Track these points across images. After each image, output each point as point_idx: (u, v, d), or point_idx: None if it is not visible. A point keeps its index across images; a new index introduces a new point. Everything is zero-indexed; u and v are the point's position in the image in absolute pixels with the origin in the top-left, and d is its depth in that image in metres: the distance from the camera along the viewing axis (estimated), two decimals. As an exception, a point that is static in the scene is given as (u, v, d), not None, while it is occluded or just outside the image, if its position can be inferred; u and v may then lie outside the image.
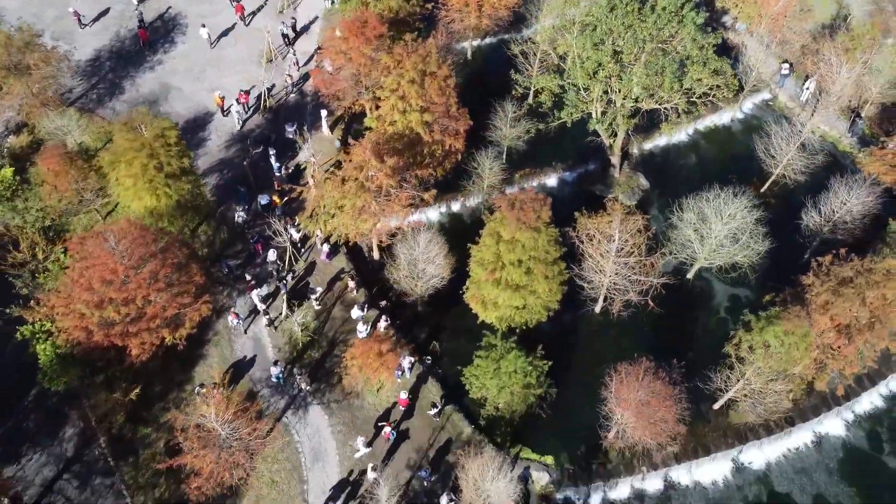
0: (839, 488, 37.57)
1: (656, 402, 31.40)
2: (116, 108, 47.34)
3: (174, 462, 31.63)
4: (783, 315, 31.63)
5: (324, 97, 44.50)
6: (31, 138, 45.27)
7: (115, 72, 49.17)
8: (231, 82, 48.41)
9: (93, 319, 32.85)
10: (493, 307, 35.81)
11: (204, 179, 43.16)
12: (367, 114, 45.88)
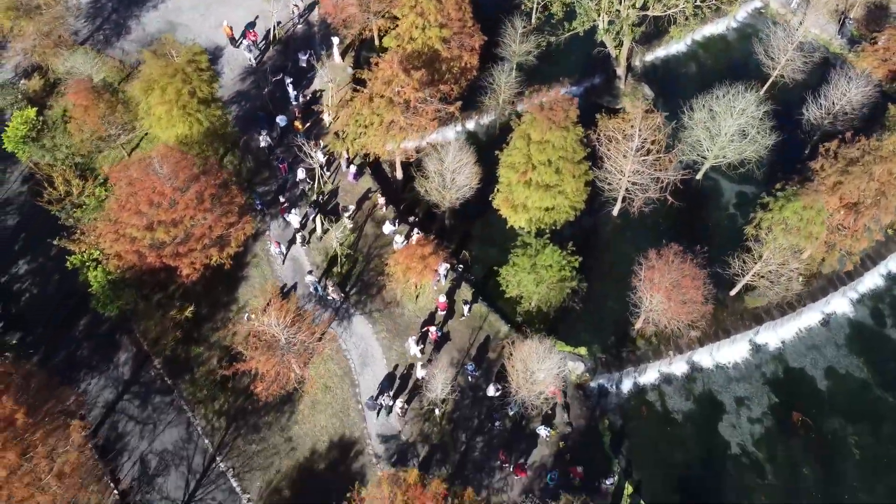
0: (848, 361, 40.70)
1: (687, 282, 33.75)
2: (125, 47, 47.54)
3: (239, 368, 33.36)
4: (800, 192, 33.99)
5: (333, 24, 45.19)
6: (43, 81, 45.45)
7: (119, 12, 49.19)
8: (237, 17, 48.71)
9: (144, 242, 34.08)
10: (523, 210, 37.65)
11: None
12: (375, 41, 46.80)
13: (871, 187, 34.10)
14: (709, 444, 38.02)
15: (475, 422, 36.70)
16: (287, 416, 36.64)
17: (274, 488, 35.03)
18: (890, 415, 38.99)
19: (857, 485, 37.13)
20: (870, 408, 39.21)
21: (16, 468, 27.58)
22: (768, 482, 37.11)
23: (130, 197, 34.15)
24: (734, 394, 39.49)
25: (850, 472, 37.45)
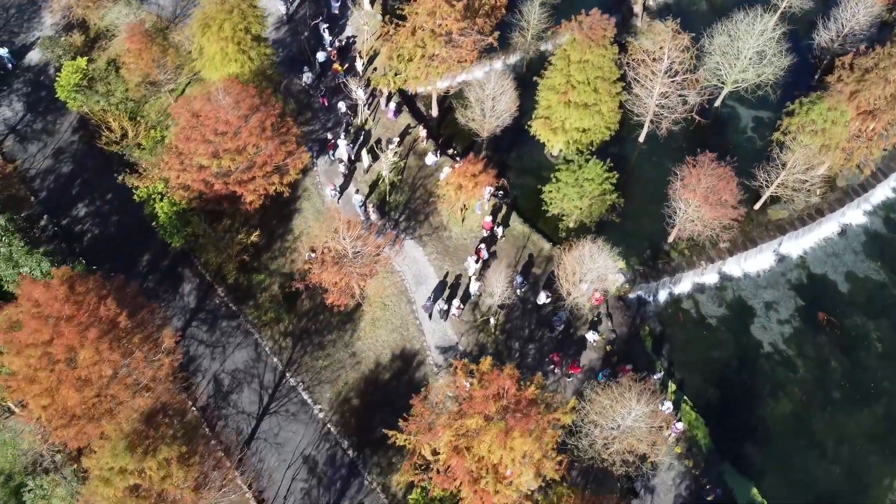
0: (865, 265, 43.59)
1: (721, 185, 36.29)
2: (160, 2, 49.11)
3: (309, 280, 35.48)
4: (824, 95, 36.67)
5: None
6: (84, 37, 46.95)
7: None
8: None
9: (211, 170, 35.97)
10: (562, 132, 39.96)
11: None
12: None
13: (887, 91, 36.83)
14: (742, 345, 40.78)
15: (526, 331, 39.13)
16: (350, 333, 38.83)
17: (343, 398, 37.26)
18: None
19: (881, 374, 40.09)
20: (889, 306, 42.16)
21: (118, 369, 29.54)
22: (800, 376, 39.94)
23: (195, 128, 36.03)
24: (762, 299, 42.25)
25: (873, 364, 40.39)
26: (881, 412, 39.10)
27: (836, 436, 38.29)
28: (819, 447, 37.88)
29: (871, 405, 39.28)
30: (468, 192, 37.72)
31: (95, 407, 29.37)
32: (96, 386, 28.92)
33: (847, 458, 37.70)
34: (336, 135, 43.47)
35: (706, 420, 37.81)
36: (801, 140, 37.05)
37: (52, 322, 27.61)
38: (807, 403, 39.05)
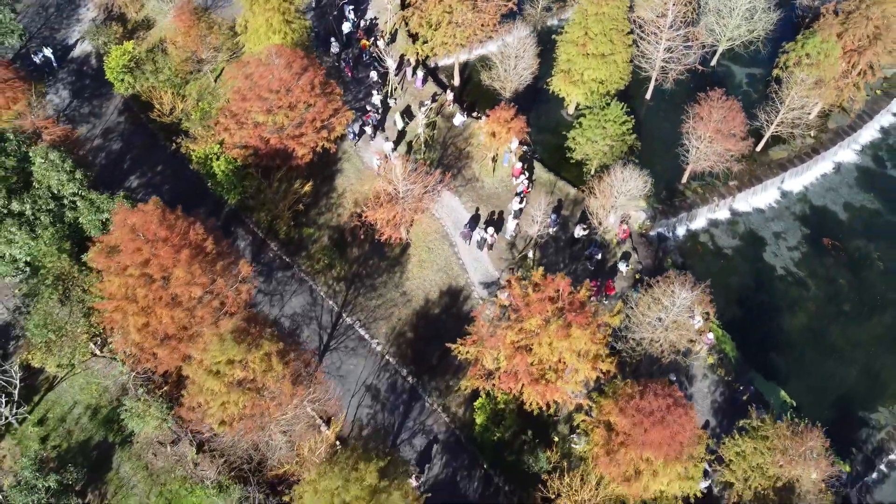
0: (860, 196, 47.67)
1: (731, 115, 40.19)
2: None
3: (366, 216, 38.47)
4: (817, 30, 41.03)
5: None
6: (122, 29, 50.02)
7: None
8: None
9: (267, 124, 39.01)
10: (580, 84, 43.73)
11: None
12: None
13: (869, 29, 41.30)
14: (757, 270, 44.37)
15: (561, 265, 42.27)
16: (399, 274, 41.64)
17: (398, 333, 39.91)
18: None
19: (885, 287, 43.82)
20: (884, 229, 46.14)
21: (205, 292, 32.02)
22: (812, 293, 43.52)
23: (251, 89, 39.12)
24: (771, 230, 46.00)
25: (877, 279, 44.15)
26: (888, 321, 42.74)
27: (850, 342, 41.75)
28: (836, 353, 41.24)
29: (879, 315, 42.93)
30: (500, 138, 41.15)
31: (185, 329, 31.77)
32: (186, 306, 31.38)
33: (862, 360, 41.11)
34: (367, 104, 46.80)
35: (732, 336, 41.09)
36: (797, 75, 41.23)
37: (149, 244, 30.17)
38: (821, 316, 42.61)
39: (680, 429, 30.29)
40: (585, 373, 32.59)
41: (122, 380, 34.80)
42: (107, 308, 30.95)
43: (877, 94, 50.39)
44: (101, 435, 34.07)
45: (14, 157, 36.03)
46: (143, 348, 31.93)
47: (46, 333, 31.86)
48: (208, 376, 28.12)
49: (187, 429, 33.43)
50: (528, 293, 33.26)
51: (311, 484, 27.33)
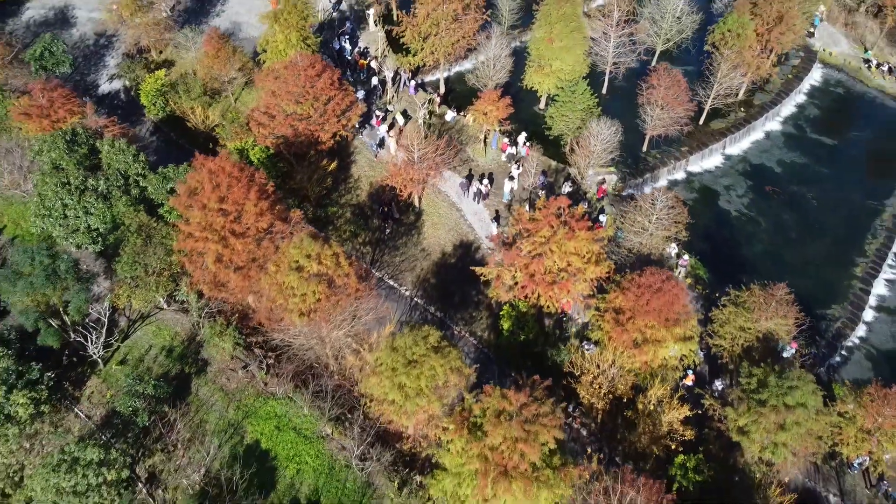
0: (790, 154, 57.01)
1: (676, 82, 49.24)
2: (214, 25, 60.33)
3: (383, 180, 45.24)
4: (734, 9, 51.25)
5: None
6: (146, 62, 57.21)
7: (195, 17, 62.11)
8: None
9: (296, 113, 46.08)
10: (550, 75, 52.49)
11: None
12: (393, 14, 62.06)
13: (774, 11, 51.77)
14: (716, 214, 52.47)
15: (553, 219, 49.30)
16: (416, 235, 48.07)
17: (421, 280, 45.89)
18: (826, 179, 55.01)
19: (820, 217, 52.28)
20: (814, 177, 55.16)
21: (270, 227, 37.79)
22: (763, 227, 51.57)
23: (280, 87, 46.40)
24: (721, 184, 54.50)
25: (813, 213, 52.69)
26: (828, 241, 50.96)
27: (801, 261, 49.52)
28: (791, 270, 48.62)
29: (821, 238, 51.13)
30: (490, 115, 49.09)
31: (254, 261, 37.30)
32: (254, 238, 37.10)
33: (812, 273, 48.73)
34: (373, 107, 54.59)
35: (703, 263, 48.37)
36: (723, 50, 50.97)
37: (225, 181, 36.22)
38: (774, 243, 50.47)
39: (675, 297, 36.87)
40: (590, 272, 39.20)
41: (191, 324, 39.62)
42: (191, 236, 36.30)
43: (789, 78, 60.94)
44: (177, 368, 38.45)
45: (85, 147, 41.97)
46: (216, 281, 37.22)
47: (135, 269, 36.93)
48: (290, 272, 33.73)
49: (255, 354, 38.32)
50: (537, 214, 40.23)
51: (387, 344, 32.64)
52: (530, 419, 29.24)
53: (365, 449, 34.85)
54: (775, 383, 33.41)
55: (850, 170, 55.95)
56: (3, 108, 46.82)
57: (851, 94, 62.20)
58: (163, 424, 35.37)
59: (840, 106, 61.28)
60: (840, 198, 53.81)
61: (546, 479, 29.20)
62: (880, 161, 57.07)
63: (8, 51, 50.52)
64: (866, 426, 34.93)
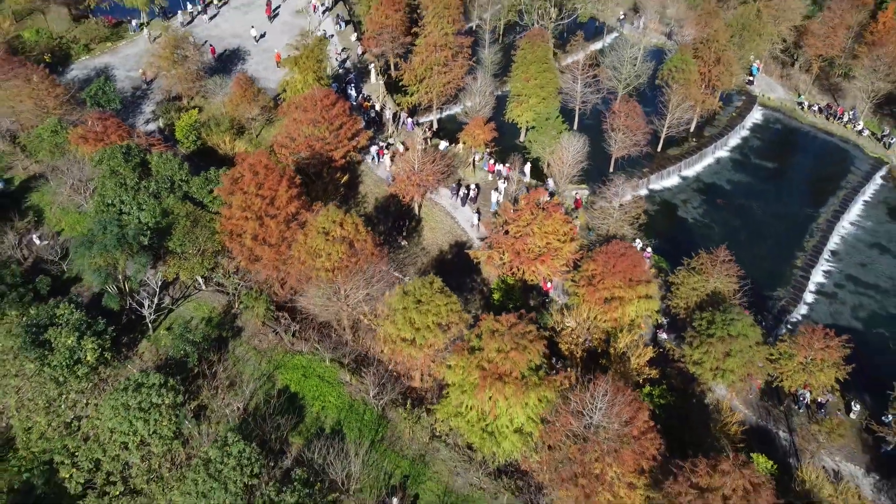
0: (737, 176, 65.96)
1: (634, 110, 58.50)
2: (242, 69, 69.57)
3: (389, 188, 53.15)
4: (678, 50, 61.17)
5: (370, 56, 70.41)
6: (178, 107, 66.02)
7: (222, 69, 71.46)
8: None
9: (315, 135, 54.50)
10: (528, 110, 61.68)
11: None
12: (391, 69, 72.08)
13: (712, 53, 61.87)
14: (675, 222, 60.45)
15: (534, 224, 57.07)
16: (417, 237, 55.59)
17: (423, 271, 52.95)
18: (769, 194, 63.81)
19: (765, 224, 60.45)
20: (758, 193, 63.88)
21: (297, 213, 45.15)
22: (716, 231, 59.60)
23: (300, 114, 55.01)
24: (679, 198, 62.95)
25: (758, 221, 60.95)
26: (772, 242, 58.94)
27: (751, 258, 56.91)
28: (742, 262, 55.99)
29: (766, 239, 59.14)
30: (478, 138, 57.78)
31: (284, 239, 44.46)
32: (283, 220, 44.42)
33: (761, 267, 56.27)
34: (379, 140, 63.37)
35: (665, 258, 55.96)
36: (671, 84, 60.72)
37: (262, 171, 43.92)
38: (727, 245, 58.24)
39: (637, 261, 44.33)
40: (566, 249, 46.66)
41: (226, 301, 46.22)
42: (233, 217, 43.55)
43: (733, 116, 70.80)
44: (216, 333, 44.69)
45: (137, 157, 49.81)
46: (252, 255, 44.22)
47: (184, 245, 43.88)
48: (318, 236, 40.94)
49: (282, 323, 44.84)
50: (520, 205, 48.12)
51: (400, 289, 39.45)
52: (518, 335, 35.91)
53: (379, 389, 40.94)
54: (720, 319, 40.42)
55: (789, 187, 64.86)
56: (63, 136, 54.85)
57: (788, 128, 72.08)
58: (208, 368, 41.44)
59: (778, 138, 70.99)
60: (781, 209, 62.37)
61: (534, 383, 35.57)
62: (813, 180, 66.15)
63: (65, 91, 59.10)
64: (800, 360, 41.61)
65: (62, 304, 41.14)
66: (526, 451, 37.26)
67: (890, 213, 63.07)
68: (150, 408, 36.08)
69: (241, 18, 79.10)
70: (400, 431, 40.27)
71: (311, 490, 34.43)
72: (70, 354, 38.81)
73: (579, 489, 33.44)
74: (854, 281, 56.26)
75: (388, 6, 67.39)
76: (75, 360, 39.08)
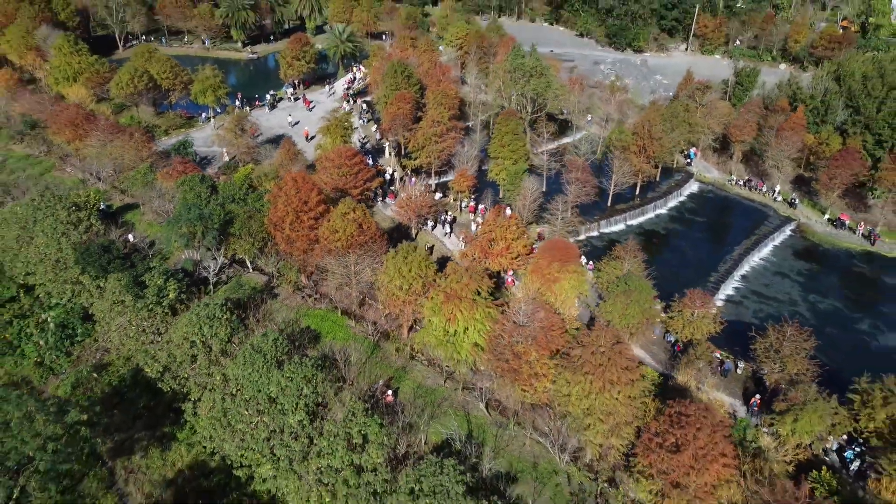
0: (671, 225, 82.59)
1: (585, 172, 76.66)
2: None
3: (395, 214, 70.60)
4: (620, 125, 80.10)
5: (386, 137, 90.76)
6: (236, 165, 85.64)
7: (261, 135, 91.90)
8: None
9: (336, 175, 73.02)
10: (504, 169, 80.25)
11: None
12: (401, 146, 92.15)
13: (646, 131, 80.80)
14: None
15: (505, 248, 73.72)
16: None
17: (415, 275, 68.88)
18: (694, 237, 79.99)
19: (690, 255, 76.33)
20: (689, 238, 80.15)
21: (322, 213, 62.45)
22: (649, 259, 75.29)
23: (329, 162, 73.88)
24: (623, 239, 79.18)
25: (685, 253, 76.85)
26: (693, 268, 74.40)
27: (677, 276, 72.39)
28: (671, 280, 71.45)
29: (689, 266, 74.68)
30: (462, 185, 75.82)
31: (312, 230, 61.39)
32: (313, 217, 61.59)
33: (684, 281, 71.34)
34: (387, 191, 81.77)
35: (607, 275, 71.43)
36: (614, 150, 79.18)
37: (300, 182, 61.79)
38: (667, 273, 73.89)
39: (571, 251, 60.32)
40: (518, 244, 62.91)
41: (266, 279, 62.50)
42: (278, 212, 60.87)
43: (672, 185, 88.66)
44: (259, 296, 60.57)
45: (208, 182, 68.30)
46: (289, 239, 61.02)
47: (242, 230, 60.96)
48: (337, 218, 57.93)
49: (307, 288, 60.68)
50: (487, 215, 65.19)
51: (391, 253, 55.59)
52: (473, 273, 51.61)
53: (374, 330, 56.05)
54: (623, 279, 55.74)
55: (713, 234, 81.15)
56: (151, 176, 74.00)
57: (718, 196, 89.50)
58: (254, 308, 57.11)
59: (709, 202, 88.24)
60: (705, 246, 78.38)
61: (481, 303, 50.78)
62: (734, 230, 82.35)
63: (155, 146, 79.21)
64: (687, 316, 56.21)
65: (154, 263, 57.89)
66: (478, 359, 51.64)
67: (794, 255, 78.60)
68: (212, 318, 51.54)
69: (284, 115, 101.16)
70: (388, 353, 54.95)
71: (323, 367, 48.95)
72: (158, 291, 54.95)
73: (509, 366, 47.71)
74: (757, 294, 71.01)
75: (400, 101, 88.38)
76: (161, 296, 55.10)
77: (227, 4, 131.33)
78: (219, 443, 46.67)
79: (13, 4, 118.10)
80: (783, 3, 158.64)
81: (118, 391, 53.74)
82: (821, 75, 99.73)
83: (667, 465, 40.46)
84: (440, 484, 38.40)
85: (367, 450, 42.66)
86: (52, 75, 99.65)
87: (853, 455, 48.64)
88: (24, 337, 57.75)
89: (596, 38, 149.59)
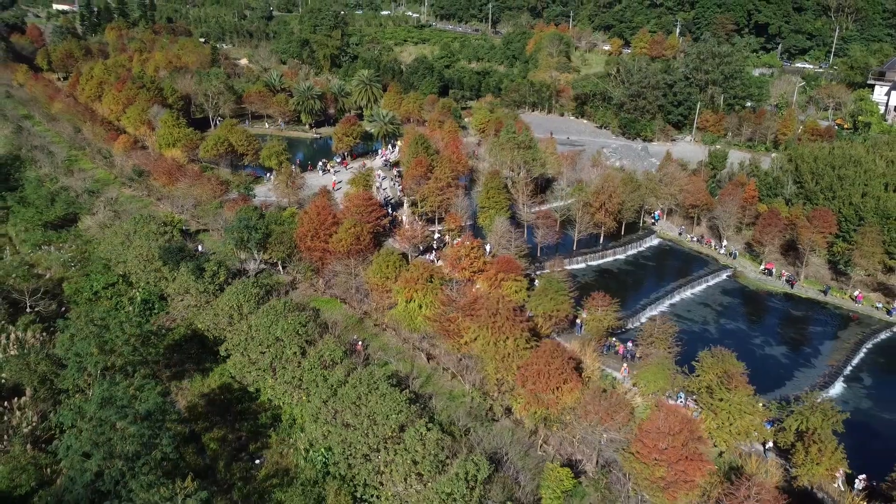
0: (626, 267, 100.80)
1: (551, 219, 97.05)
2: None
3: (402, 235, 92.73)
4: (580, 184, 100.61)
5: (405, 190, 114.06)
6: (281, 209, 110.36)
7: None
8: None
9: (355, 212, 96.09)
10: (490, 217, 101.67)
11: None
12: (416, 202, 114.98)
13: (606, 191, 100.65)
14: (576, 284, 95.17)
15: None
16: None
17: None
18: (641, 276, 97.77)
19: (632, 287, 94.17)
20: (635, 275, 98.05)
21: (332, 234, 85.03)
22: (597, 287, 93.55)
23: (350, 203, 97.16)
24: (582, 275, 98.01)
25: (628, 285, 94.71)
26: (631, 294, 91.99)
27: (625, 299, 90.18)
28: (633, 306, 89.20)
29: (628, 292, 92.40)
30: (453, 226, 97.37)
31: (327, 242, 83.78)
32: (328, 233, 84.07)
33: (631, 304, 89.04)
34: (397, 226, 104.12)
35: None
36: (577, 203, 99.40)
37: (322, 206, 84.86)
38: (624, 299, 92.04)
39: (513, 262, 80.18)
40: (479, 262, 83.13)
41: (290, 277, 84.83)
42: (303, 227, 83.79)
43: (633, 239, 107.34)
44: (282, 287, 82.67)
45: (258, 210, 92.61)
46: (311, 247, 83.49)
47: (277, 242, 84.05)
48: (343, 231, 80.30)
49: (318, 285, 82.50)
50: (458, 242, 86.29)
51: (377, 255, 77.04)
52: (427, 267, 72.43)
53: (359, 309, 76.99)
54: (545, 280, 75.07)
55: (658, 274, 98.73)
56: (220, 208, 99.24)
57: (673, 249, 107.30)
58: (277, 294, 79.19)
59: (664, 254, 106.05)
60: (648, 283, 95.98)
61: (431, 288, 71.15)
62: (678, 273, 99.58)
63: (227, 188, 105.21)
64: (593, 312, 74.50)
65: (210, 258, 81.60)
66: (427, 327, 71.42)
67: (721, 292, 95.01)
68: (245, 291, 73.74)
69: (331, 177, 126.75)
70: (367, 326, 75.56)
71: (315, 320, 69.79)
72: (212, 275, 77.97)
73: (442, 327, 67.48)
74: (677, 316, 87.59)
75: (417, 164, 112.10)
76: (214, 277, 78.08)
77: (299, 94, 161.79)
78: (240, 369, 67.73)
79: (134, 91, 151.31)
80: (781, 104, 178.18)
81: (179, 344, 75.95)
82: (777, 157, 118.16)
83: (532, 383, 58.73)
84: (372, 378, 58.10)
85: (335, 369, 62.77)
86: (158, 141, 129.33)
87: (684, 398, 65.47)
88: (119, 307, 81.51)
89: (611, 129, 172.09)
